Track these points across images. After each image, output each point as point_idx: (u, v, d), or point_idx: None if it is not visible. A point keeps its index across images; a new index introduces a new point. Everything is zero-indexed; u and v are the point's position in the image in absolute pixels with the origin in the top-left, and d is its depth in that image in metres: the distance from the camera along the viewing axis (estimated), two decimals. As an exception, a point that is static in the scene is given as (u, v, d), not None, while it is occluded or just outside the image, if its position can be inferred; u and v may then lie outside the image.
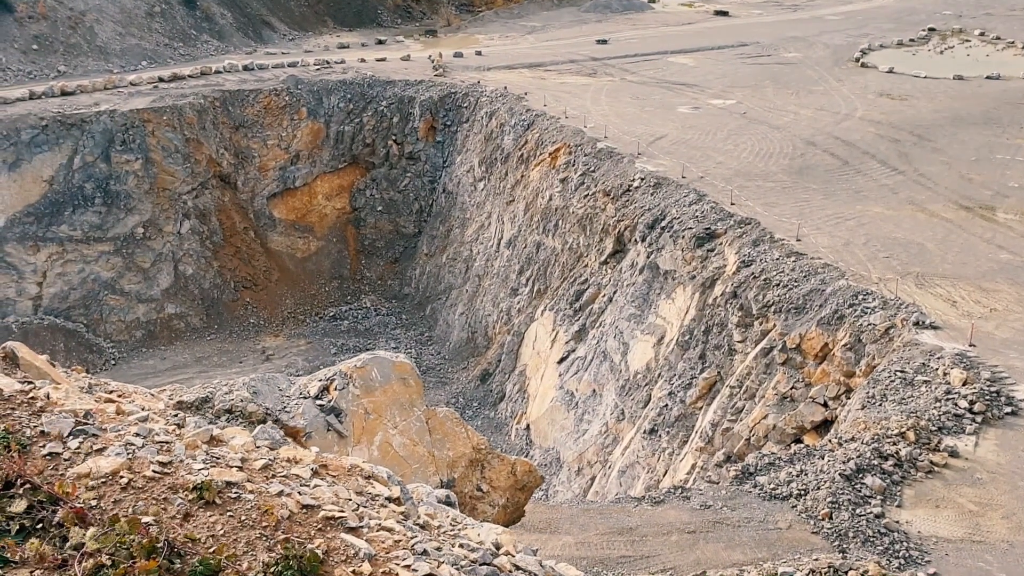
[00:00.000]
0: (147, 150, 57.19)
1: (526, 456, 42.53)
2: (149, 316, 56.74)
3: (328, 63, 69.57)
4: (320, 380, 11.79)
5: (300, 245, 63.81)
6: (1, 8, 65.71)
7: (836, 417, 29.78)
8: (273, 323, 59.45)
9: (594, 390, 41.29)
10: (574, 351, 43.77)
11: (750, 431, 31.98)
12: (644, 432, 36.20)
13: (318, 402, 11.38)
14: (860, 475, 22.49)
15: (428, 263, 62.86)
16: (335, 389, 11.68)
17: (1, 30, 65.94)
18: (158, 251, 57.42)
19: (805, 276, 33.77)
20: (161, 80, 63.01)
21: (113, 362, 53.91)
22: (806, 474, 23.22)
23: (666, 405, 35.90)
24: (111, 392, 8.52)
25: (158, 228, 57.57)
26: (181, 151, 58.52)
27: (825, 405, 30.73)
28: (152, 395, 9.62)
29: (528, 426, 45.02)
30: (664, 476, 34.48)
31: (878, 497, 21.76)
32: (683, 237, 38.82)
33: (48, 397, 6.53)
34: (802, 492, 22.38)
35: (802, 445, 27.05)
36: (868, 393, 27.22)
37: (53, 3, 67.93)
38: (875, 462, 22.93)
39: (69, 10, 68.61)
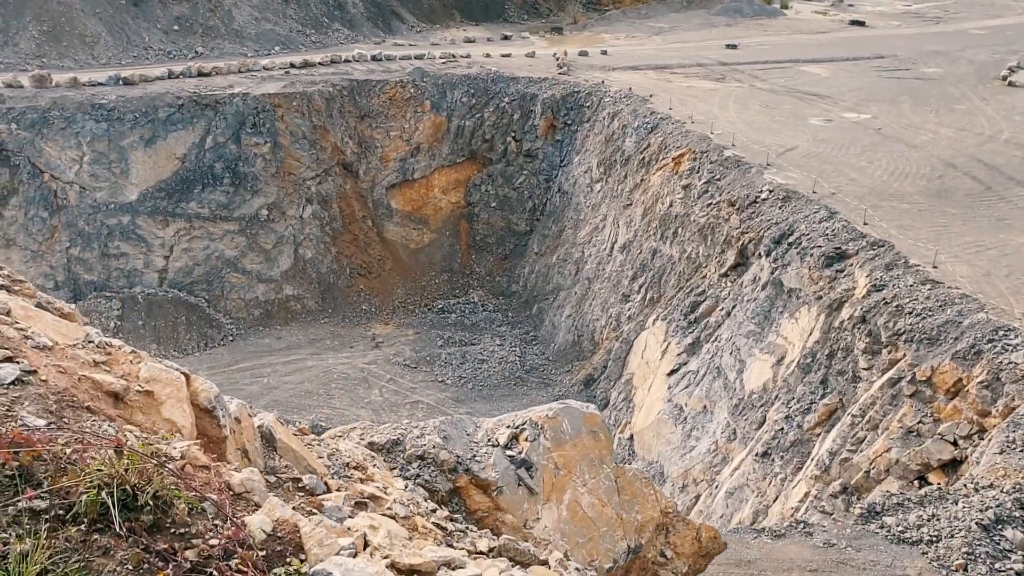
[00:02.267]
0: (276, 134, 58.61)
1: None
2: (268, 296, 58.23)
3: (454, 57, 70.00)
4: (508, 427, 11.26)
5: (414, 236, 64.43)
6: (148, -10, 68.46)
7: (966, 457, 28.05)
8: (384, 311, 60.18)
9: (705, 406, 40.19)
10: (686, 364, 42.71)
11: (870, 463, 30.47)
12: (756, 455, 34.97)
13: (508, 452, 10.93)
14: (999, 526, 21.02)
15: (538, 262, 62.54)
16: (525, 440, 11.16)
17: (146, 10, 68.65)
18: (280, 234, 58.83)
19: (941, 306, 31.95)
20: (293, 66, 64.52)
21: (231, 338, 55.48)
22: (938, 519, 21.84)
23: (782, 429, 34.60)
24: (352, 466, 8.02)
25: (282, 211, 58.99)
26: (308, 137, 59.77)
27: (955, 444, 28.98)
28: (372, 456, 9.21)
29: (632, 436, 44.21)
30: (774, 502, 33.25)
31: (1020, 552, 20.30)
32: (811, 255, 37.34)
33: (367, 540, 5.63)
34: (934, 539, 21.06)
35: (933, 487, 25.57)
36: (1008, 437, 25.50)
37: (196, -13, 70.41)
38: (1016, 514, 21.41)
39: (210, -6, 71.04)
